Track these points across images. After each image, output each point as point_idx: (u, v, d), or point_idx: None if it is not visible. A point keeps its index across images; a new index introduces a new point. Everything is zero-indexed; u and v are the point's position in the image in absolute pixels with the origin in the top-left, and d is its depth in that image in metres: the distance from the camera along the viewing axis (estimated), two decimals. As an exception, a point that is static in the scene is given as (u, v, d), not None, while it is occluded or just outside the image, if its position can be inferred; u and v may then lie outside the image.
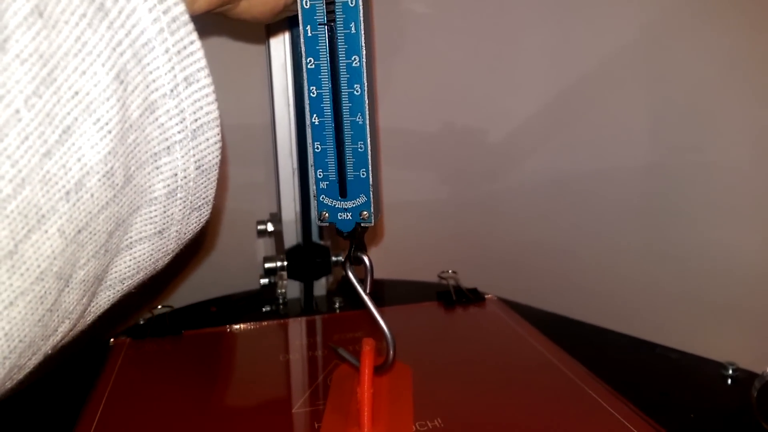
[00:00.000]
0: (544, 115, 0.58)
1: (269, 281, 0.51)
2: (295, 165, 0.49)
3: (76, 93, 0.16)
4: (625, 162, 0.56)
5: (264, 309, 0.49)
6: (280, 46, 0.47)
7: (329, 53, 0.26)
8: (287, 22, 0.47)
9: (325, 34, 0.26)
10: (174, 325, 0.43)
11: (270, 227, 0.53)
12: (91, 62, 0.17)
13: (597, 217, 0.57)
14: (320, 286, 0.52)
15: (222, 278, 0.57)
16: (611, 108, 0.55)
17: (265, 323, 0.44)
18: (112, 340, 0.41)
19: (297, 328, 0.44)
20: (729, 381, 0.37)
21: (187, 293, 0.54)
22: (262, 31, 0.49)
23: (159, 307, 0.45)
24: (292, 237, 0.51)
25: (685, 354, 0.41)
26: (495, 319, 0.43)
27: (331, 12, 0.25)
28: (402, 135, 0.59)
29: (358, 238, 0.31)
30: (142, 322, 0.44)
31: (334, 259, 0.51)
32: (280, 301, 0.50)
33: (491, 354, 0.38)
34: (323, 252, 0.51)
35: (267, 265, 0.50)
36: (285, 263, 0.50)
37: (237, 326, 0.43)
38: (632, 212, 0.56)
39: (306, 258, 0.51)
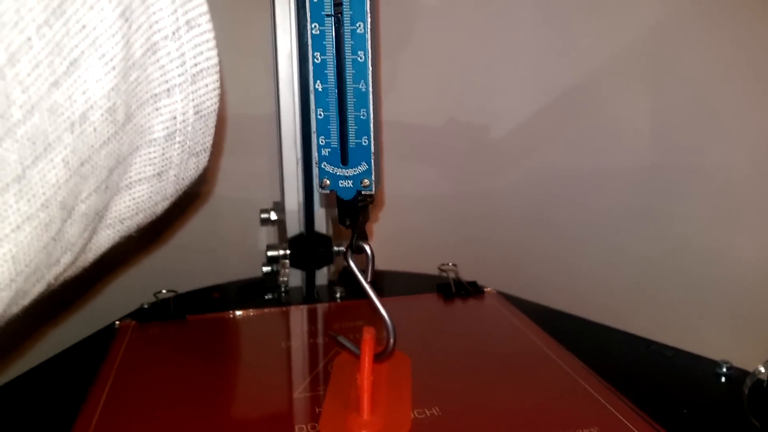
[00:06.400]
0: (546, 113, 0.58)
1: (272, 269, 0.51)
2: (299, 155, 0.50)
3: (84, 26, 0.17)
4: (626, 161, 0.56)
5: (266, 296, 0.50)
6: (286, 36, 0.48)
7: (334, 20, 0.26)
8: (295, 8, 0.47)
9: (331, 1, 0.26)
10: (178, 310, 0.43)
11: (273, 216, 0.53)
12: None
13: (596, 214, 0.58)
14: (322, 276, 0.53)
15: (225, 265, 0.57)
16: (613, 107, 0.56)
17: (267, 310, 0.45)
18: (117, 322, 0.42)
19: (298, 315, 0.44)
20: (723, 379, 0.38)
21: (190, 279, 0.55)
22: (269, 21, 0.49)
23: (163, 291, 0.46)
24: (294, 226, 0.51)
25: (680, 351, 0.41)
26: (493, 312, 0.44)
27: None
28: (405, 129, 0.59)
29: (359, 227, 0.31)
30: (146, 306, 0.44)
31: (336, 248, 0.51)
32: (282, 289, 0.51)
33: (489, 346, 0.38)
34: (325, 242, 0.51)
35: (270, 254, 0.50)
36: (287, 252, 0.50)
37: (239, 312, 0.44)
38: (631, 210, 0.56)
39: (308, 247, 0.51)
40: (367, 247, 0.31)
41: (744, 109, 0.50)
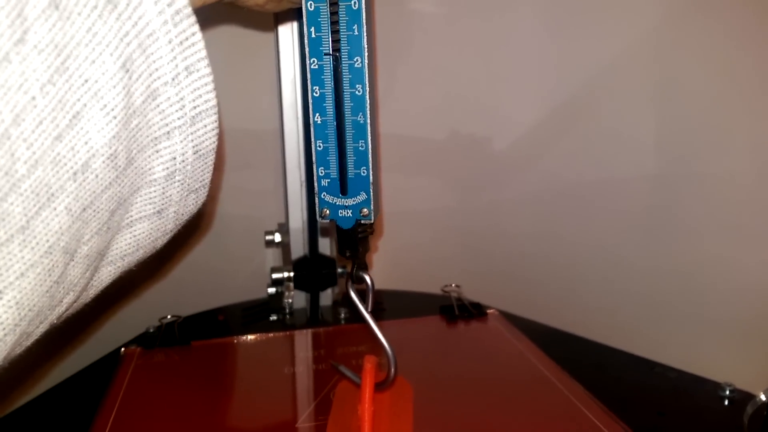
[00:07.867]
0: (549, 125, 0.58)
1: (276, 290, 0.52)
2: (303, 178, 0.50)
3: (86, 81, 0.17)
4: (630, 173, 0.56)
5: (271, 318, 0.50)
6: (289, 63, 0.48)
7: (332, 56, 0.27)
8: (298, 30, 0.48)
9: (329, 35, 0.26)
10: (183, 335, 0.44)
11: (278, 238, 0.54)
12: (101, 52, 0.18)
13: (600, 229, 0.58)
14: (326, 297, 0.53)
15: (230, 286, 0.58)
16: (616, 118, 0.56)
17: (271, 335, 0.45)
18: (123, 349, 0.42)
19: (302, 340, 0.45)
20: (726, 402, 0.38)
21: (196, 300, 0.55)
22: (274, 45, 0.50)
23: (168, 316, 0.46)
24: (299, 248, 0.52)
25: (684, 373, 0.41)
26: (496, 335, 0.44)
27: (334, 13, 0.26)
28: (407, 142, 0.60)
29: (359, 257, 0.31)
30: (151, 331, 0.45)
31: (339, 270, 0.52)
32: (287, 310, 0.51)
33: (491, 371, 0.39)
34: (329, 264, 0.52)
35: (274, 276, 0.51)
36: (292, 274, 0.51)
37: (244, 337, 0.44)
38: (636, 225, 0.56)
39: (312, 269, 0.52)
40: (367, 278, 0.31)
41: (748, 120, 0.50)
